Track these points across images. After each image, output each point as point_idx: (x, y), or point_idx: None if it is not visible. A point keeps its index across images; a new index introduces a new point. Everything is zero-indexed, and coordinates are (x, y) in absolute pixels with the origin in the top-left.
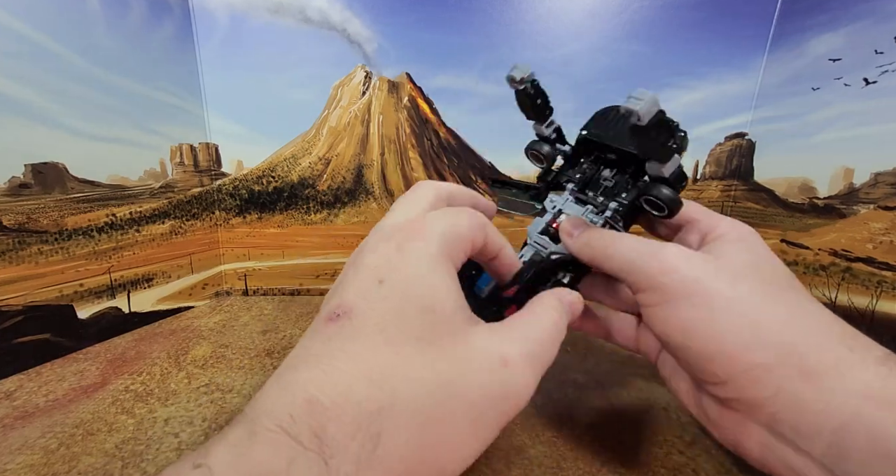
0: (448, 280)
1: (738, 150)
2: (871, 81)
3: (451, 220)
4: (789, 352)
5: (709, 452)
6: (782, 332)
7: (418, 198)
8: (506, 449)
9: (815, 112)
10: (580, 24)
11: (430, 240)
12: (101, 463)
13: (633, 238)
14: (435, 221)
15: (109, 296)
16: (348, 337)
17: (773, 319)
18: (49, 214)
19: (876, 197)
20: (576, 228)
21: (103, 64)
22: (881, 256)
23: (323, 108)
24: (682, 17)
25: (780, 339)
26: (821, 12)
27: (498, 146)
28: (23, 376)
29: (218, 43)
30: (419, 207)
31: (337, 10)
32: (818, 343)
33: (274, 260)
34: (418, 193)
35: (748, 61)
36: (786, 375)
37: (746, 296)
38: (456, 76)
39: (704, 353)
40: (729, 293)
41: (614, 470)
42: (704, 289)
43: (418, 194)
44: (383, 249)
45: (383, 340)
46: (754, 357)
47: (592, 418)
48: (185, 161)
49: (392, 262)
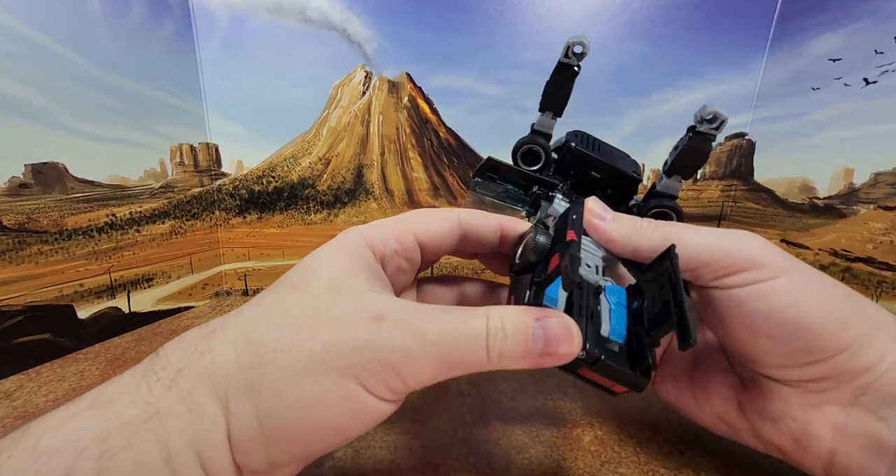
0: (348, 254)
1: (738, 150)
2: (871, 81)
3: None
4: (879, 321)
5: (709, 452)
6: (867, 304)
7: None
8: (506, 449)
9: (815, 112)
10: (580, 24)
11: (352, 231)
12: None
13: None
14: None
15: (109, 296)
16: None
17: (856, 295)
18: (49, 214)
19: (876, 197)
20: (607, 213)
21: (103, 64)
22: (881, 256)
23: (323, 108)
24: (682, 16)
25: (870, 309)
26: (821, 12)
27: (498, 146)
28: (23, 376)
29: (218, 43)
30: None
31: (337, 10)
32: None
33: (274, 260)
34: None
35: (748, 61)
36: (884, 340)
37: (827, 277)
38: (456, 76)
39: (813, 327)
40: (817, 273)
41: (614, 470)
42: (800, 266)
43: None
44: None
45: (263, 292)
46: (860, 325)
47: (592, 418)
48: (185, 161)
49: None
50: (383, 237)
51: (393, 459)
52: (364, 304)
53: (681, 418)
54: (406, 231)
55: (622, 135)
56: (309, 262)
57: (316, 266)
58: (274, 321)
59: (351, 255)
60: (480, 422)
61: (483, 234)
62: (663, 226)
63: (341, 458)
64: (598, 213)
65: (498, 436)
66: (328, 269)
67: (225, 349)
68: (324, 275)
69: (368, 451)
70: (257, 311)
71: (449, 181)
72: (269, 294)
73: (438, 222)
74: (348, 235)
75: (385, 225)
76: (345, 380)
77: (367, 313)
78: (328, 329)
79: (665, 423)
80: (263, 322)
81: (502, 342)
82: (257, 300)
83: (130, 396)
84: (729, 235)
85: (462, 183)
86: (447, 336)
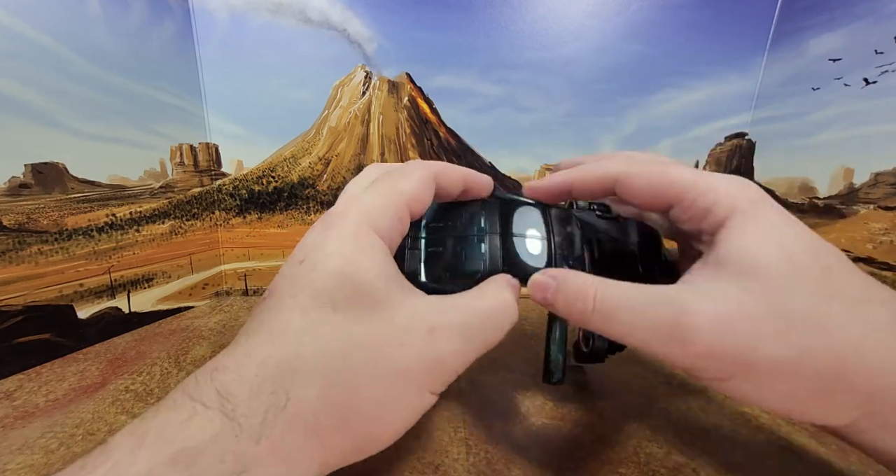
0: (369, 252)
1: (738, 150)
2: (871, 81)
3: (379, 190)
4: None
5: (709, 452)
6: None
7: (361, 179)
8: (506, 449)
9: (815, 112)
10: (580, 24)
11: (351, 216)
12: None
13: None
14: (362, 198)
15: (109, 296)
16: (266, 310)
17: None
18: (49, 214)
19: (876, 197)
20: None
21: (103, 64)
22: (881, 256)
23: (323, 108)
24: (682, 16)
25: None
26: (821, 12)
27: (498, 146)
28: (23, 376)
29: (218, 43)
30: (358, 188)
31: (337, 10)
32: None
33: (274, 260)
34: (362, 176)
35: (748, 61)
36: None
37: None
38: (456, 76)
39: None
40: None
41: (614, 470)
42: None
43: (362, 176)
44: (312, 234)
45: (297, 309)
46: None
47: (592, 418)
48: (185, 161)
49: (315, 242)
50: (389, 221)
51: (393, 459)
52: (412, 316)
53: (681, 418)
54: (404, 207)
55: (622, 135)
56: (341, 268)
57: (346, 276)
58: (342, 351)
59: (376, 254)
60: (480, 422)
61: (450, 189)
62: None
63: None
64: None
65: (498, 436)
66: (366, 278)
67: (305, 389)
68: (361, 288)
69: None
70: (323, 344)
71: None
72: (317, 316)
73: (426, 189)
74: (359, 228)
75: (385, 204)
76: (423, 392)
77: (421, 328)
78: (397, 354)
79: (665, 422)
80: (334, 357)
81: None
82: (305, 324)
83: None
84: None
85: None
86: (481, 326)
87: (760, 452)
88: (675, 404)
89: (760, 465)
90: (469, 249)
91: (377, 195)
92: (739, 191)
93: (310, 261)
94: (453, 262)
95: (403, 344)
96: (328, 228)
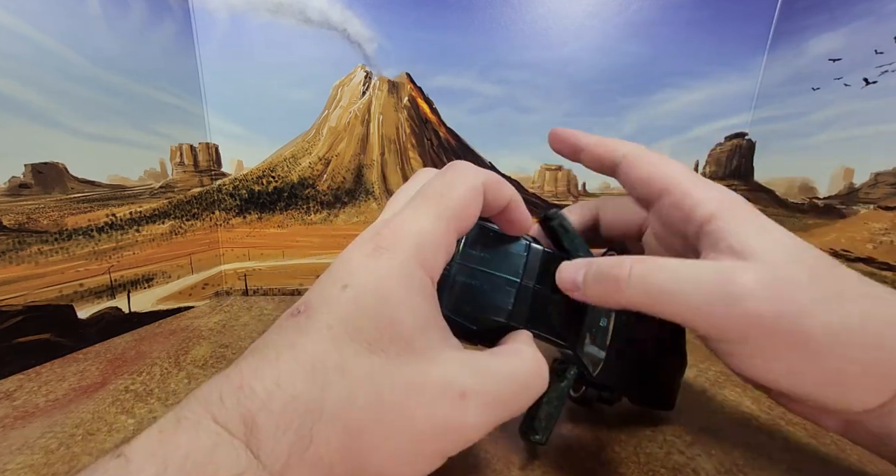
0: (417, 297)
1: (738, 150)
2: (871, 81)
3: (430, 211)
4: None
5: (709, 452)
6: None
7: (411, 186)
8: (506, 449)
9: (815, 112)
10: (580, 24)
11: (402, 247)
12: None
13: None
14: (413, 219)
15: (109, 296)
16: (300, 331)
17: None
18: (49, 214)
19: (876, 197)
20: (579, 272)
21: (103, 64)
22: (881, 256)
23: (323, 108)
24: (682, 17)
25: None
26: (821, 12)
27: (498, 146)
28: (23, 376)
29: (218, 43)
30: (408, 197)
31: (337, 10)
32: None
33: (274, 260)
34: (413, 181)
35: (748, 61)
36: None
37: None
38: (456, 76)
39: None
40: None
41: (614, 470)
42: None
43: (413, 182)
44: (356, 254)
45: (330, 341)
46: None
47: (592, 418)
48: (185, 161)
49: (359, 269)
50: (437, 257)
51: None
52: (447, 376)
53: (681, 418)
54: (453, 235)
55: (622, 135)
56: (376, 307)
57: (389, 319)
58: (370, 400)
59: (420, 295)
60: None
61: (493, 205)
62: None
63: None
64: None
65: (498, 436)
66: (406, 322)
67: (327, 436)
68: (401, 336)
69: None
70: (350, 390)
71: None
72: (350, 353)
73: (476, 212)
74: (407, 264)
75: (434, 235)
76: (435, 458)
77: (452, 392)
78: (422, 415)
79: (665, 422)
80: (361, 406)
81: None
82: (338, 361)
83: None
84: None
85: None
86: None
87: (760, 452)
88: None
89: (760, 465)
90: (499, 293)
91: (426, 220)
92: (720, 192)
93: (353, 290)
94: (479, 299)
95: (430, 406)
96: (377, 256)
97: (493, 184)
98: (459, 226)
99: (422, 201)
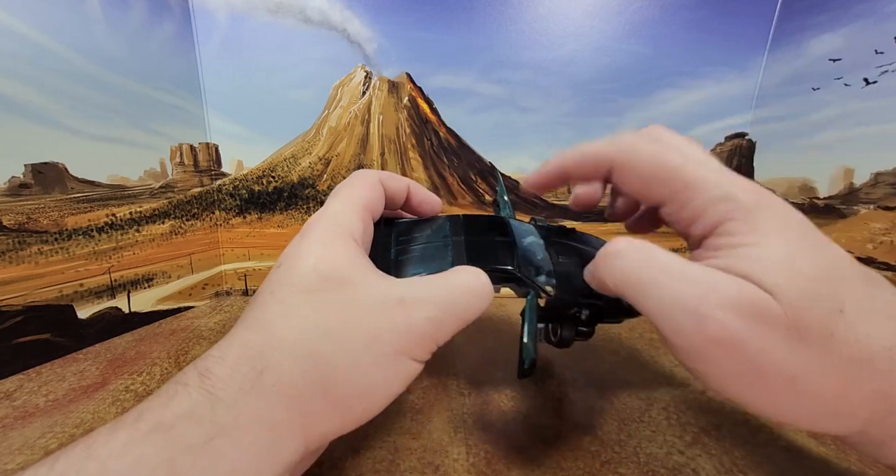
0: (338, 246)
1: (738, 150)
2: (871, 81)
3: (340, 199)
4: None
5: (709, 452)
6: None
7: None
8: (506, 449)
9: (815, 112)
10: (580, 24)
11: (319, 222)
12: None
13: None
14: (324, 208)
15: (109, 296)
16: (249, 309)
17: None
18: (49, 214)
19: (876, 197)
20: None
21: (103, 64)
22: (881, 256)
23: (323, 108)
24: (682, 16)
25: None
26: (821, 12)
27: (498, 146)
28: (23, 376)
29: (218, 43)
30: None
31: (337, 10)
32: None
33: (274, 260)
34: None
35: (748, 61)
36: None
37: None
38: (456, 76)
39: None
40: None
41: (614, 470)
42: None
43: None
44: (291, 242)
45: (273, 300)
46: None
47: (592, 418)
48: (185, 161)
49: (292, 248)
50: (354, 224)
51: (393, 459)
52: (383, 292)
53: (681, 418)
54: (363, 209)
55: None
56: (313, 263)
57: (318, 269)
58: (322, 330)
59: (346, 246)
60: (480, 422)
61: (396, 192)
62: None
63: (340, 458)
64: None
65: (498, 436)
66: (338, 265)
67: (286, 364)
68: (332, 275)
69: (368, 452)
70: (297, 323)
71: (449, 181)
72: (293, 302)
73: (380, 198)
74: (328, 229)
75: (344, 211)
76: (400, 358)
77: (391, 300)
78: (370, 323)
79: (665, 423)
80: (313, 332)
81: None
82: (282, 310)
83: (194, 420)
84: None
85: (462, 183)
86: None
87: (760, 452)
88: (675, 404)
89: (760, 465)
90: (437, 251)
91: (338, 202)
92: (736, 192)
93: (287, 263)
94: (423, 264)
95: (374, 315)
96: (303, 236)
97: (388, 176)
98: (367, 206)
99: (332, 196)
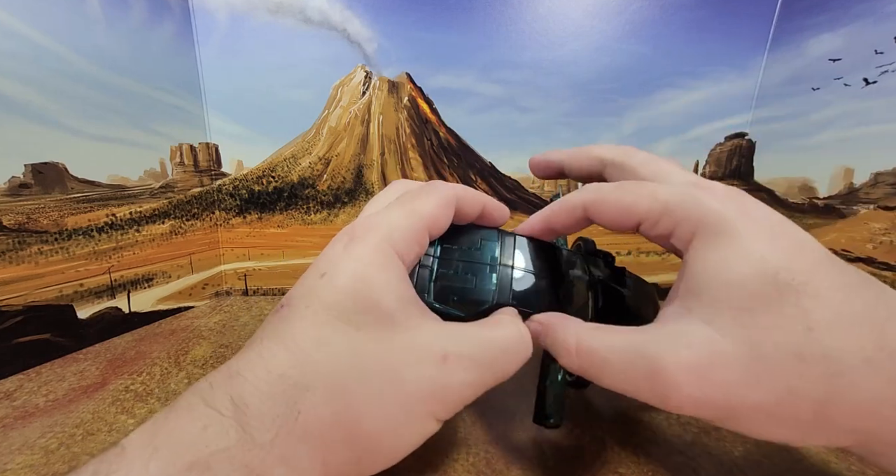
0: (389, 272)
1: (738, 150)
2: (871, 81)
3: (401, 211)
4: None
5: (709, 452)
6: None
7: (385, 195)
8: (506, 449)
9: (815, 112)
10: (580, 24)
11: (375, 234)
12: None
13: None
14: (385, 216)
15: (109, 296)
16: (283, 320)
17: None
18: (49, 214)
19: (876, 197)
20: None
21: (103, 64)
22: (881, 256)
23: (323, 108)
24: (682, 16)
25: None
26: (821, 12)
27: (498, 146)
28: (23, 376)
29: (218, 43)
30: (382, 204)
31: (337, 10)
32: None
33: (274, 260)
34: (387, 191)
35: (748, 61)
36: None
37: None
38: (456, 76)
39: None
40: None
41: (614, 470)
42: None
43: (387, 192)
44: (333, 247)
45: (311, 323)
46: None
47: (592, 419)
48: (185, 161)
49: (336, 258)
50: (409, 246)
51: None
52: (427, 341)
53: (681, 418)
54: (425, 232)
55: (622, 135)
56: (357, 287)
57: (363, 294)
58: (359, 371)
59: (394, 275)
60: (480, 422)
61: (468, 213)
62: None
63: None
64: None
65: (498, 436)
66: (383, 299)
67: (318, 407)
68: (377, 308)
69: None
70: (333, 357)
71: (449, 181)
72: (329, 330)
73: (447, 220)
74: (381, 248)
75: (406, 228)
76: (428, 419)
77: (434, 355)
78: (408, 378)
79: (665, 423)
80: (347, 375)
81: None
82: (316, 336)
83: (228, 460)
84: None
85: (462, 183)
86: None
87: (760, 452)
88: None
89: (760, 465)
90: (480, 278)
91: (399, 216)
92: (699, 204)
93: (330, 275)
94: (462, 287)
95: (415, 368)
96: (350, 244)
97: (465, 194)
98: (430, 226)
99: (396, 203)
